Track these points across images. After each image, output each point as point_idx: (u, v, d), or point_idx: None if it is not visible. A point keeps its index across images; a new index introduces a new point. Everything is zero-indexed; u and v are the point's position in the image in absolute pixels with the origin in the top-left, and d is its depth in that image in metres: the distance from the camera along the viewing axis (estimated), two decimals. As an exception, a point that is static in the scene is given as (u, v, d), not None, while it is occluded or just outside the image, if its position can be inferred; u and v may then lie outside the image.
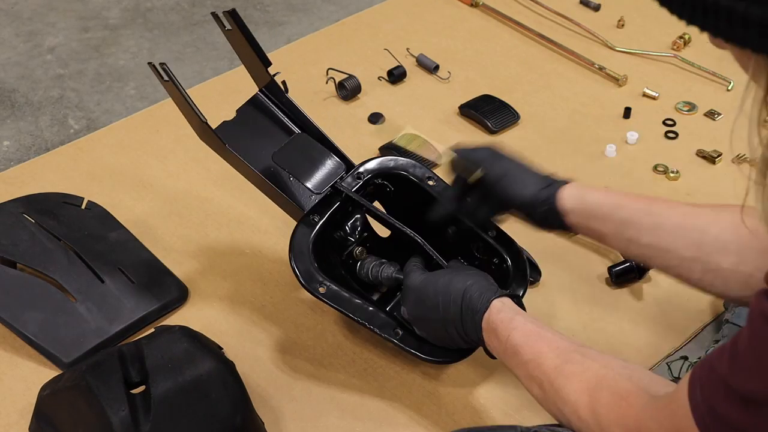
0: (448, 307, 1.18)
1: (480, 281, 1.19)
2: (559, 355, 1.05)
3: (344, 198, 1.35)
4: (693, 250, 1.09)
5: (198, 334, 1.29)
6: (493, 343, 1.14)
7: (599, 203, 1.18)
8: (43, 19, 2.15)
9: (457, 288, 1.18)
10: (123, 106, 1.89)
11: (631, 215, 1.15)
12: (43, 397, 1.24)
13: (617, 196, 1.18)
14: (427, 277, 1.24)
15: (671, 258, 1.12)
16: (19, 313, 1.39)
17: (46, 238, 1.47)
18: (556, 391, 1.03)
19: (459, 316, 1.17)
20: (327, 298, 1.27)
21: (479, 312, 1.15)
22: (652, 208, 1.14)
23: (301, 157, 1.39)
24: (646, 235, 1.13)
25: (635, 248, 1.16)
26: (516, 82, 1.92)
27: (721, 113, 1.83)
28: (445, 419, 1.30)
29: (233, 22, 1.31)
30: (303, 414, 1.31)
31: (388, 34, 2.05)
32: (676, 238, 1.11)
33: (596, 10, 2.12)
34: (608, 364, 1.02)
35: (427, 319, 1.22)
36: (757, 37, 0.69)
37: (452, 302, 1.18)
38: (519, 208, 1.26)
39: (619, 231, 1.16)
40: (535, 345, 1.08)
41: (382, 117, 1.82)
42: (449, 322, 1.19)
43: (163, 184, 1.68)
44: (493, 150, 1.30)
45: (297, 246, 1.30)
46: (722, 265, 1.07)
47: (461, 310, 1.17)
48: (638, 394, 0.96)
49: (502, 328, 1.12)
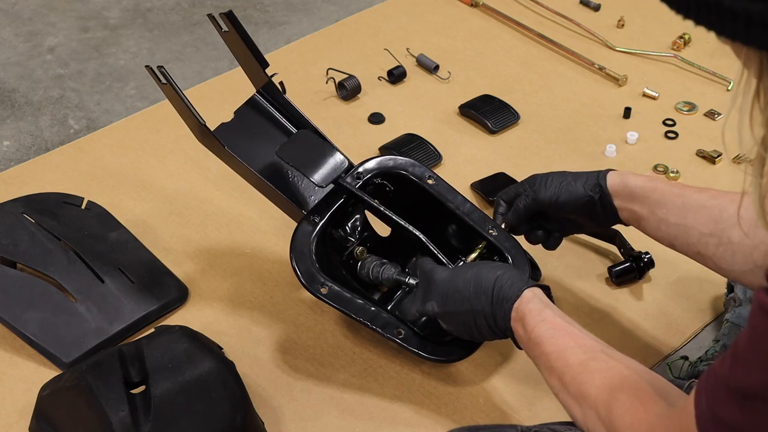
0: (479, 297, 1.18)
1: (510, 271, 1.20)
2: (585, 351, 1.07)
3: (345, 197, 1.35)
4: (711, 225, 1.18)
5: (198, 334, 1.29)
6: (520, 331, 1.15)
7: (639, 185, 1.27)
8: (43, 19, 2.15)
9: (488, 278, 1.19)
10: (123, 106, 1.89)
11: (664, 196, 1.24)
12: (43, 397, 1.24)
13: (654, 180, 1.27)
14: (454, 271, 1.24)
15: (692, 234, 1.21)
16: (19, 313, 1.39)
17: (46, 238, 1.47)
18: (578, 384, 1.04)
19: (490, 306, 1.18)
20: (329, 299, 1.27)
21: (510, 300, 1.16)
22: (683, 191, 1.23)
23: (305, 152, 1.38)
24: (675, 214, 1.22)
25: (665, 228, 1.24)
26: (516, 82, 1.92)
27: (721, 113, 1.83)
28: (445, 419, 1.30)
29: (230, 24, 1.31)
30: (303, 414, 1.31)
31: (388, 34, 2.05)
32: (698, 216, 1.20)
33: (596, 10, 2.12)
34: (632, 366, 1.04)
35: (456, 312, 1.22)
36: (744, 29, 0.70)
37: (483, 292, 1.18)
38: (578, 207, 1.32)
39: (653, 211, 1.25)
40: (561, 338, 1.09)
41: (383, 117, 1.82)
42: (478, 312, 1.19)
43: (163, 184, 1.68)
44: (528, 179, 1.38)
45: (298, 246, 1.30)
46: (732, 238, 1.15)
47: (492, 299, 1.17)
48: (656, 401, 0.96)
49: (530, 318, 1.13)
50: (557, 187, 1.33)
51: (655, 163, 1.72)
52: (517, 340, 1.17)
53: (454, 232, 1.39)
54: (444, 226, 1.39)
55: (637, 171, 1.70)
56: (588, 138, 1.78)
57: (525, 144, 1.77)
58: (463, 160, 1.73)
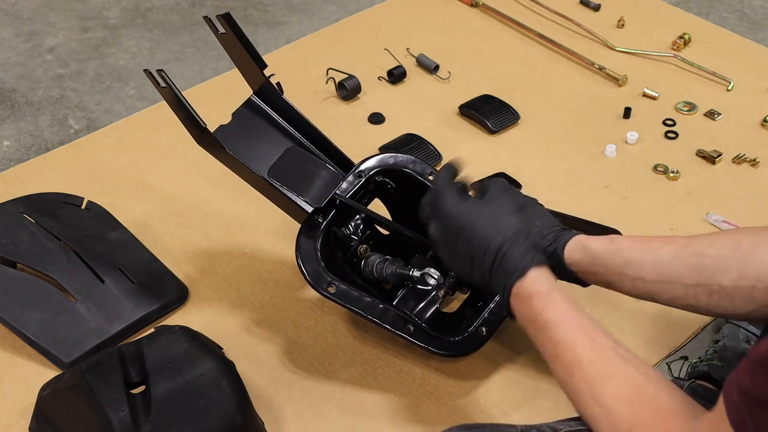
0: (480, 256, 1.13)
1: (520, 239, 1.12)
2: (595, 348, 1.02)
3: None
4: (694, 276, 1.09)
5: (198, 334, 1.29)
6: (522, 310, 1.10)
7: (601, 249, 1.17)
8: (43, 19, 2.15)
9: (495, 241, 1.12)
10: (123, 106, 1.89)
11: (632, 255, 1.14)
12: (43, 397, 1.24)
13: (618, 241, 1.17)
14: (466, 209, 1.16)
15: (676, 289, 1.11)
16: (19, 313, 1.39)
17: (46, 238, 1.47)
18: (590, 387, 1.00)
19: (489, 271, 1.13)
20: (337, 297, 1.27)
21: (513, 276, 1.10)
22: (651, 244, 1.14)
23: (296, 170, 1.37)
24: (649, 270, 1.13)
25: (642, 286, 1.15)
26: (516, 82, 1.92)
27: (721, 113, 1.83)
28: (445, 419, 1.30)
29: (227, 26, 1.31)
30: (303, 414, 1.31)
31: (388, 34, 2.05)
32: (675, 267, 1.11)
33: (596, 10, 2.12)
34: (647, 373, 0.99)
35: (455, 252, 1.17)
36: None
37: (486, 253, 1.12)
38: None
39: (623, 273, 1.15)
40: (569, 328, 1.05)
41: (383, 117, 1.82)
42: (477, 267, 1.14)
43: (163, 184, 1.68)
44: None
45: (303, 246, 1.30)
46: (723, 283, 1.06)
47: (492, 266, 1.12)
48: (678, 417, 0.93)
49: (536, 300, 1.08)
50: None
51: (655, 163, 1.72)
52: (518, 317, 1.12)
53: None
54: None
55: (637, 171, 1.70)
56: (588, 138, 1.78)
57: (525, 144, 1.77)
58: (463, 160, 1.73)
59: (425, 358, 1.36)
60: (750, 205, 1.64)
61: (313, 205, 1.35)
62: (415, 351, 1.35)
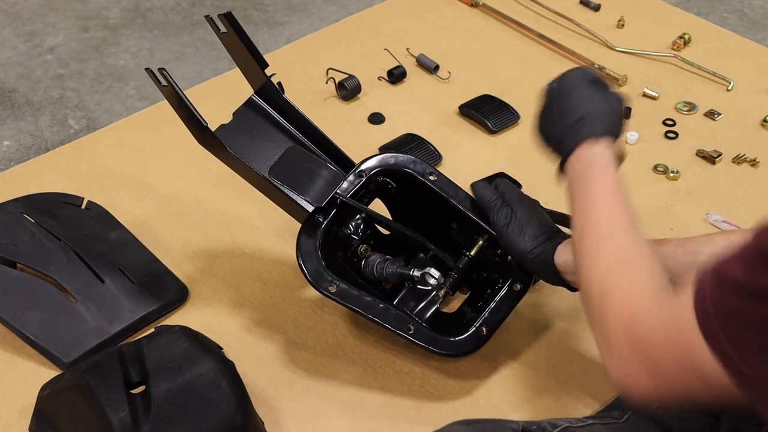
0: (569, 115, 1.22)
1: (606, 121, 1.21)
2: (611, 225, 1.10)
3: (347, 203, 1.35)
4: (689, 274, 1.09)
5: (198, 334, 1.29)
6: (578, 167, 1.18)
7: None
8: (43, 19, 2.15)
9: (588, 109, 1.21)
10: (123, 106, 1.90)
11: None
12: (43, 397, 1.24)
13: None
14: (586, 84, 1.25)
15: None
16: (19, 313, 1.39)
17: (46, 238, 1.47)
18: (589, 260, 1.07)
19: (570, 127, 1.21)
20: (338, 297, 1.27)
21: (583, 139, 1.18)
22: None
23: (297, 170, 1.38)
24: None
25: None
26: (516, 82, 1.92)
27: (721, 113, 1.83)
28: (445, 419, 1.29)
29: (229, 25, 1.31)
30: (303, 414, 1.31)
31: (388, 34, 2.05)
32: (670, 265, 1.12)
33: (596, 10, 2.12)
34: (640, 245, 1.05)
35: (551, 108, 1.27)
36: None
37: (575, 112, 1.22)
38: (515, 259, 1.30)
39: None
40: (612, 203, 1.13)
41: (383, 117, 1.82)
42: (560, 123, 1.23)
43: (163, 184, 1.68)
44: (504, 193, 1.33)
45: (304, 245, 1.30)
46: None
47: (573, 124, 1.21)
48: (646, 284, 0.98)
49: (596, 166, 1.16)
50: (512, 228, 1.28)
51: (655, 163, 1.72)
52: (568, 174, 1.19)
53: (456, 228, 1.39)
54: (446, 221, 1.39)
55: (637, 171, 1.70)
56: (588, 138, 1.78)
57: (525, 144, 1.77)
58: (463, 160, 1.73)
59: (425, 358, 1.36)
60: (750, 205, 1.64)
61: (313, 204, 1.35)
62: (415, 351, 1.35)
